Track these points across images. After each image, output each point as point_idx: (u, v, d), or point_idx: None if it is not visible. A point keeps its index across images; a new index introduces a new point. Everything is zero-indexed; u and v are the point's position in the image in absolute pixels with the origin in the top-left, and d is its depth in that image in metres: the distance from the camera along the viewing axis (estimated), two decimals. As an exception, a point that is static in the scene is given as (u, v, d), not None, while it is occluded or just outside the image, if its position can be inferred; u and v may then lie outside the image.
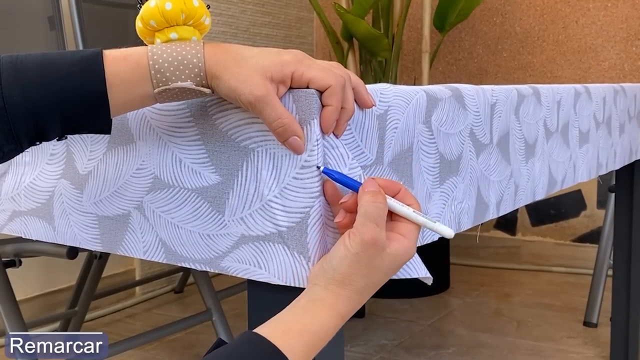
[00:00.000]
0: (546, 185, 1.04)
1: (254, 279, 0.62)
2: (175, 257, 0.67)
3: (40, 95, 0.55)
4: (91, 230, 0.73)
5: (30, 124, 0.55)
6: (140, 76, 0.57)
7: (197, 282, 1.66)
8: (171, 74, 0.57)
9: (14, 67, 0.55)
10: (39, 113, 0.55)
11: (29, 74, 0.55)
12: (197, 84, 0.58)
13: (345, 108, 0.59)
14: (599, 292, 2.02)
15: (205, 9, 0.61)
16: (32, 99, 0.55)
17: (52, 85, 0.55)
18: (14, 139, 0.56)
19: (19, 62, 0.56)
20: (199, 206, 0.64)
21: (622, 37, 2.50)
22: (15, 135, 0.55)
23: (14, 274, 1.49)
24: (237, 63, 0.57)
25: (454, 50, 2.78)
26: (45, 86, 0.55)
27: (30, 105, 0.55)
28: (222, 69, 0.57)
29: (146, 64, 0.57)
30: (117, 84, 0.57)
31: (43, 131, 0.57)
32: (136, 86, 0.57)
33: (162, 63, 0.57)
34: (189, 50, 0.57)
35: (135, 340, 1.56)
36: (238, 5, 2.62)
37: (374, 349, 1.86)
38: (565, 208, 2.65)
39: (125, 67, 0.57)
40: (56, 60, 0.56)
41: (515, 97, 0.92)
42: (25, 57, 0.56)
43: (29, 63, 0.56)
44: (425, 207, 0.73)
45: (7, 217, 0.81)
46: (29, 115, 0.55)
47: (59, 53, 0.57)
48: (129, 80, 0.57)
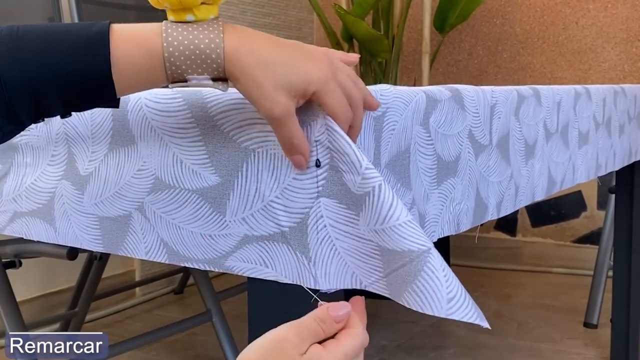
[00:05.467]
0: (545, 186, 1.04)
1: (261, 278, 0.62)
2: (178, 258, 0.67)
3: (41, 76, 0.52)
4: (92, 231, 0.73)
5: (31, 104, 0.53)
6: (152, 65, 0.54)
7: (197, 283, 1.66)
8: (187, 66, 0.54)
9: (14, 43, 0.52)
10: (40, 93, 0.52)
11: (29, 52, 0.52)
12: (214, 77, 0.55)
13: (353, 127, 0.58)
14: (599, 293, 2.02)
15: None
16: (32, 79, 0.52)
17: (54, 66, 0.52)
18: (14, 120, 0.53)
19: (19, 36, 0.52)
20: (200, 207, 0.64)
21: (622, 38, 2.50)
22: (15, 115, 0.53)
23: (14, 275, 1.49)
24: (260, 69, 0.53)
25: (454, 51, 2.78)
26: (47, 66, 0.52)
27: (30, 85, 0.52)
28: (243, 74, 0.53)
29: (160, 53, 0.53)
30: (125, 69, 0.53)
31: (45, 110, 0.54)
32: (147, 73, 0.54)
33: (178, 56, 0.53)
34: (208, 43, 0.53)
35: (135, 341, 1.56)
36: (238, 6, 2.63)
37: (374, 350, 1.86)
38: (566, 209, 2.65)
39: (136, 52, 0.53)
40: (60, 38, 0.52)
41: (515, 98, 0.92)
42: (27, 31, 0.53)
43: (31, 38, 0.52)
44: (424, 209, 0.73)
45: (8, 218, 0.81)
46: (30, 96, 0.52)
47: (64, 28, 0.53)
48: (139, 67, 0.53)
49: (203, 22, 0.54)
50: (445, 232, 0.77)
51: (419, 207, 0.71)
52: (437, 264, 0.55)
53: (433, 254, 0.55)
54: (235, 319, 2.07)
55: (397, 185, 0.67)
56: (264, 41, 0.54)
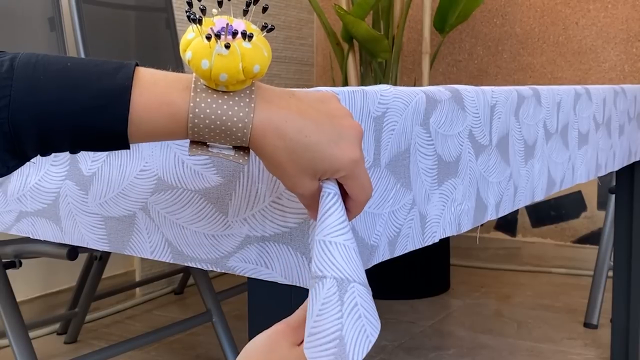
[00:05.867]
0: (545, 186, 1.04)
1: (261, 279, 0.62)
2: (182, 257, 0.67)
3: (55, 121, 0.48)
4: (98, 230, 0.74)
5: (39, 143, 0.50)
6: (174, 127, 0.50)
7: (197, 283, 1.66)
8: (210, 136, 0.50)
9: (30, 83, 0.48)
10: (50, 135, 0.49)
11: (45, 94, 0.48)
12: (234, 147, 0.52)
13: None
14: (599, 293, 2.02)
15: (266, 65, 0.51)
16: (45, 122, 0.48)
17: (69, 114, 0.48)
18: (19, 155, 0.50)
19: (37, 71, 0.49)
20: (203, 207, 0.64)
21: (623, 38, 2.50)
22: (22, 152, 0.50)
23: (14, 275, 1.49)
24: (287, 154, 0.50)
25: (454, 51, 2.78)
26: (62, 113, 0.48)
27: (41, 127, 0.49)
28: (267, 153, 0.50)
29: (184, 119, 0.49)
30: (143, 128, 0.49)
31: (53, 149, 0.51)
32: (167, 132, 0.50)
33: (202, 127, 0.49)
34: (236, 121, 0.49)
35: (135, 342, 1.56)
36: (238, 6, 2.63)
37: (374, 350, 1.86)
38: (566, 209, 2.65)
39: (158, 114, 0.49)
40: (79, 83, 0.49)
41: (515, 98, 0.92)
42: (45, 66, 0.49)
43: (49, 76, 0.49)
44: (425, 209, 0.73)
45: (14, 218, 0.82)
46: (39, 137, 0.49)
47: (85, 71, 0.49)
48: (159, 127, 0.50)
49: (235, 92, 0.50)
50: (447, 233, 0.77)
51: (420, 207, 0.72)
52: (320, 295, 0.51)
53: (324, 283, 0.51)
54: (235, 319, 2.07)
55: (397, 186, 0.67)
56: (295, 119, 0.50)
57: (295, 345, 0.53)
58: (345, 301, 0.51)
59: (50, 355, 1.85)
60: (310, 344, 0.51)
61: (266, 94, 0.51)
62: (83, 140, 0.50)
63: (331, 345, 0.50)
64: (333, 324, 0.50)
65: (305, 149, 0.50)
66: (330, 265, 0.51)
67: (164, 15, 2.08)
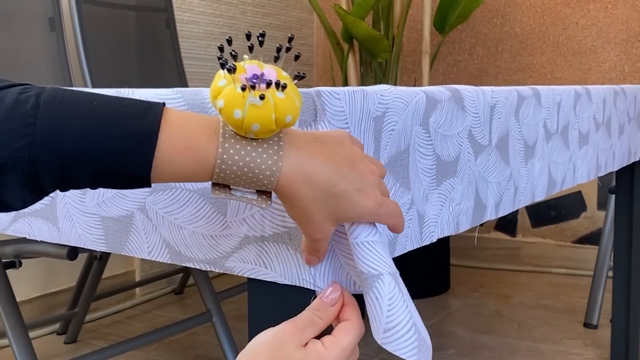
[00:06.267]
0: (546, 186, 1.04)
1: (260, 279, 0.62)
2: (180, 258, 0.67)
3: (77, 162, 0.48)
4: (95, 231, 0.73)
5: (58, 180, 0.49)
6: (199, 172, 0.50)
7: (197, 283, 1.66)
8: (235, 181, 0.50)
9: (56, 121, 0.47)
10: (71, 174, 0.49)
11: (70, 132, 0.47)
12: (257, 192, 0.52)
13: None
14: (599, 293, 2.02)
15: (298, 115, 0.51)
16: (67, 162, 0.48)
17: (93, 156, 0.48)
18: (37, 191, 0.50)
19: (64, 107, 0.48)
20: (201, 207, 0.64)
21: (623, 38, 2.50)
22: (41, 188, 0.49)
23: (14, 275, 1.49)
24: (315, 201, 0.50)
25: (454, 51, 2.78)
26: (86, 155, 0.48)
27: (63, 166, 0.48)
28: (294, 199, 0.51)
29: (211, 165, 0.49)
30: (167, 172, 0.49)
31: (72, 186, 0.50)
32: (190, 175, 0.50)
33: (229, 173, 0.49)
34: (264, 169, 0.49)
35: (135, 342, 1.56)
36: (238, 6, 2.63)
37: (374, 350, 1.86)
38: (566, 209, 2.65)
39: (184, 158, 0.49)
40: (106, 124, 0.48)
41: (515, 98, 0.92)
42: (72, 105, 0.48)
43: (74, 115, 0.48)
44: (423, 209, 0.73)
45: (11, 218, 0.82)
46: (60, 175, 0.48)
47: (110, 114, 0.48)
48: (183, 171, 0.49)
49: (264, 139, 0.50)
50: (445, 233, 0.77)
51: (418, 207, 0.72)
52: (384, 292, 0.53)
53: (384, 280, 0.53)
54: (235, 319, 2.07)
55: (397, 186, 0.67)
56: (324, 168, 0.51)
57: (301, 346, 0.53)
58: (402, 291, 0.54)
59: (50, 355, 1.85)
60: (389, 338, 0.53)
61: (294, 140, 0.51)
62: (105, 180, 0.50)
63: (410, 334, 0.53)
64: (405, 315, 0.53)
65: (332, 198, 0.51)
66: (382, 263, 0.54)
67: (164, 15, 2.09)
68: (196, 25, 2.44)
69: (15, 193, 0.49)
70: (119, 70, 1.95)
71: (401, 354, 0.53)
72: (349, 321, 0.55)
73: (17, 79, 0.52)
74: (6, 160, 0.47)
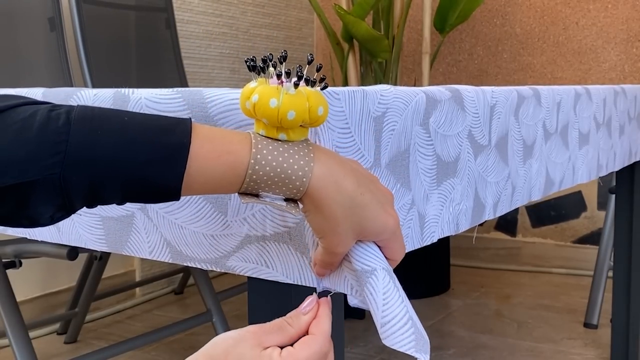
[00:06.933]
0: (543, 186, 1.04)
1: (261, 278, 0.62)
2: (181, 257, 0.67)
3: (108, 178, 0.48)
4: (96, 230, 0.73)
5: (89, 196, 0.49)
6: (230, 178, 0.50)
7: (197, 283, 1.67)
8: (267, 185, 0.50)
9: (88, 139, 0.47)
10: (102, 191, 0.49)
11: (101, 150, 0.47)
12: (287, 198, 0.52)
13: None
14: (599, 293, 2.02)
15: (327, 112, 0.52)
16: (97, 178, 0.48)
17: (124, 171, 0.48)
18: (66, 208, 0.49)
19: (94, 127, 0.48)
20: (202, 207, 0.64)
21: (623, 38, 2.50)
22: (70, 205, 0.49)
23: (15, 275, 1.49)
24: (344, 208, 0.51)
25: (454, 51, 2.78)
26: (117, 170, 0.48)
27: (94, 182, 0.48)
28: (323, 206, 0.51)
29: (244, 169, 0.50)
30: (199, 181, 0.50)
31: (101, 202, 0.50)
32: (221, 183, 0.50)
33: (261, 175, 0.50)
34: (296, 170, 0.50)
35: (135, 342, 1.56)
36: (238, 6, 2.63)
37: (374, 350, 1.86)
38: (566, 209, 2.65)
39: (216, 164, 0.49)
40: (136, 140, 0.48)
41: (515, 98, 0.92)
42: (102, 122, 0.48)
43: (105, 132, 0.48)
44: (423, 209, 0.73)
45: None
46: (90, 192, 0.49)
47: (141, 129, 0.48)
48: (215, 178, 0.50)
49: (294, 142, 0.51)
50: (445, 233, 0.77)
51: (419, 207, 0.72)
52: (379, 287, 0.53)
53: (377, 275, 0.54)
54: (235, 319, 2.07)
55: (397, 186, 0.67)
56: (350, 176, 0.52)
57: (260, 346, 0.51)
58: (397, 286, 0.54)
59: (50, 355, 1.85)
60: (387, 332, 0.53)
61: (320, 147, 0.53)
62: (135, 194, 0.50)
63: (407, 327, 0.53)
64: (400, 309, 0.53)
65: (358, 206, 0.51)
66: (375, 259, 0.54)
67: (164, 15, 2.09)
68: (196, 25, 2.45)
69: (43, 210, 0.49)
70: (119, 70, 1.95)
71: (399, 347, 0.53)
72: (313, 336, 0.53)
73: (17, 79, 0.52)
74: (37, 177, 0.47)
